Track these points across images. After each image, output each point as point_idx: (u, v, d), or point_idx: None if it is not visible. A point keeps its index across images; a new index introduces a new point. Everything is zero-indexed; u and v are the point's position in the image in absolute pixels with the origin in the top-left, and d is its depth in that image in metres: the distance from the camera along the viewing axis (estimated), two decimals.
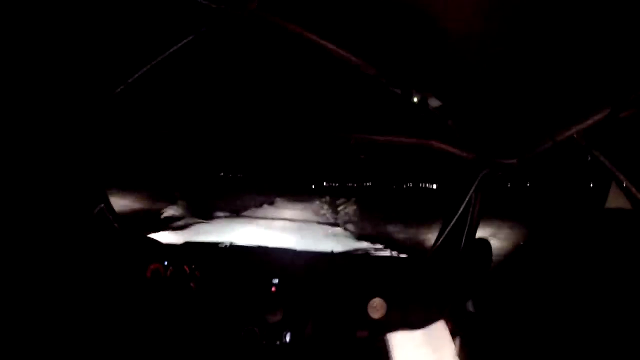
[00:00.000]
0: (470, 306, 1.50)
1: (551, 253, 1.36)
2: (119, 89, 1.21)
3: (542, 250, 1.41)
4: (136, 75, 1.17)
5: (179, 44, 1.03)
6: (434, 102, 1.31)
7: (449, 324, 1.50)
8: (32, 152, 1.32)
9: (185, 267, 1.52)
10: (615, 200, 1.09)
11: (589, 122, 1.01)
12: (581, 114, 1.03)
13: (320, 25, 0.97)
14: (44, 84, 1.17)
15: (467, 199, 1.62)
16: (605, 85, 0.93)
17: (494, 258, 1.55)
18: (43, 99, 1.21)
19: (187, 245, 1.67)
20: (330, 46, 1.04)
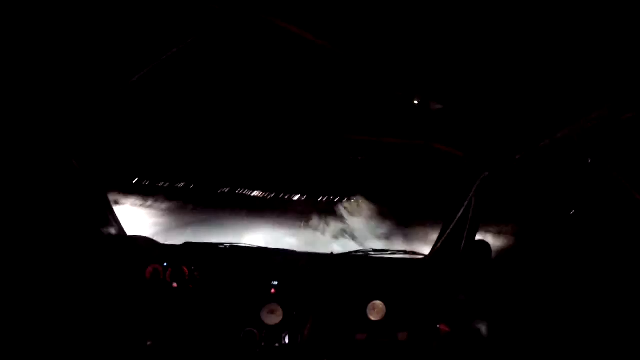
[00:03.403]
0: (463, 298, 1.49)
1: (551, 252, 1.35)
2: (117, 90, 1.22)
3: (542, 250, 1.41)
4: (136, 77, 1.17)
5: (177, 47, 1.03)
6: (434, 105, 1.31)
7: (448, 325, 1.49)
8: (32, 154, 1.32)
9: (184, 268, 1.51)
10: (615, 200, 1.09)
11: (589, 123, 1.01)
12: (581, 115, 1.03)
13: (320, 26, 0.98)
14: (44, 86, 1.17)
15: (467, 201, 1.61)
16: (605, 86, 0.93)
17: (493, 258, 1.54)
18: (43, 100, 1.22)
19: (187, 245, 1.67)
20: (330, 47, 1.05)
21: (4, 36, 0.94)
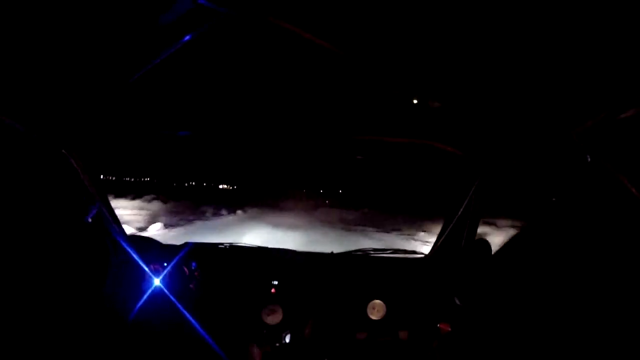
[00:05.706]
0: (458, 301, 1.50)
1: (550, 252, 1.36)
2: (116, 89, 1.21)
3: (541, 249, 1.41)
4: (136, 77, 1.16)
5: (175, 46, 1.02)
6: (433, 103, 1.31)
7: (447, 324, 1.49)
8: (30, 152, 1.32)
9: (185, 267, 1.52)
10: (614, 200, 1.09)
11: (589, 122, 1.01)
12: (581, 114, 1.03)
13: (318, 25, 0.97)
14: (41, 85, 1.16)
15: (467, 200, 1.61)
16: (605, 85, 0.93)
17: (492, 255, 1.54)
18: (41, 99, 1.21)
19: (187, 245, 1.67)
20: (329, 46, 1.04)
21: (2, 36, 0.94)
